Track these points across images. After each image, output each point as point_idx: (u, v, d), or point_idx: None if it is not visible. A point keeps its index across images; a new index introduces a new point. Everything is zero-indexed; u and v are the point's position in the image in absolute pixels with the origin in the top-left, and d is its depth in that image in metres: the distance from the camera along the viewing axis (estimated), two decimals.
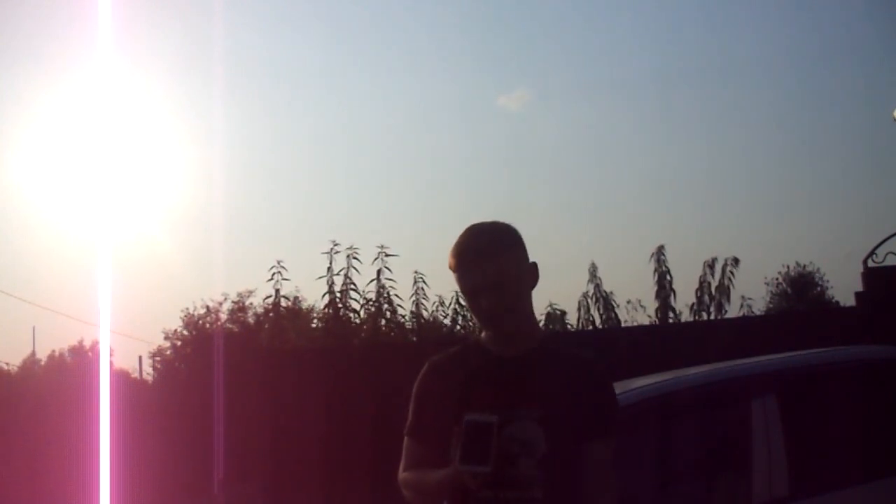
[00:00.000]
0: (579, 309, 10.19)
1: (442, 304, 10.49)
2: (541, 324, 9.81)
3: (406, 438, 2.36)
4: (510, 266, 2.23)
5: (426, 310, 9.96)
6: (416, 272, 9.66)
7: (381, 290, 9.60)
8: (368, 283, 9.58)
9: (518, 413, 2.18)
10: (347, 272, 9.50)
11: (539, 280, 2.32)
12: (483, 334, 2.34)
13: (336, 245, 9.49)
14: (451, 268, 2.29)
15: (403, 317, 9.79)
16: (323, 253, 9.50)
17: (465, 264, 2.24)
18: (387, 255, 9.46)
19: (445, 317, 10.49)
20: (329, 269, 9.50)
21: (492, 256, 2.22)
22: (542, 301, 9.95)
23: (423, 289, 9.72)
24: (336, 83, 37.65)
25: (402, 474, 2.34)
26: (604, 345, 7.77)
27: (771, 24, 36.43)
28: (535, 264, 2.31)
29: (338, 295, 9.55)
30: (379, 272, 9.53)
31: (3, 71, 38.20)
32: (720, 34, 38.19)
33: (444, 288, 10.51)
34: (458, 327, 10.49)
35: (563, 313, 10.13)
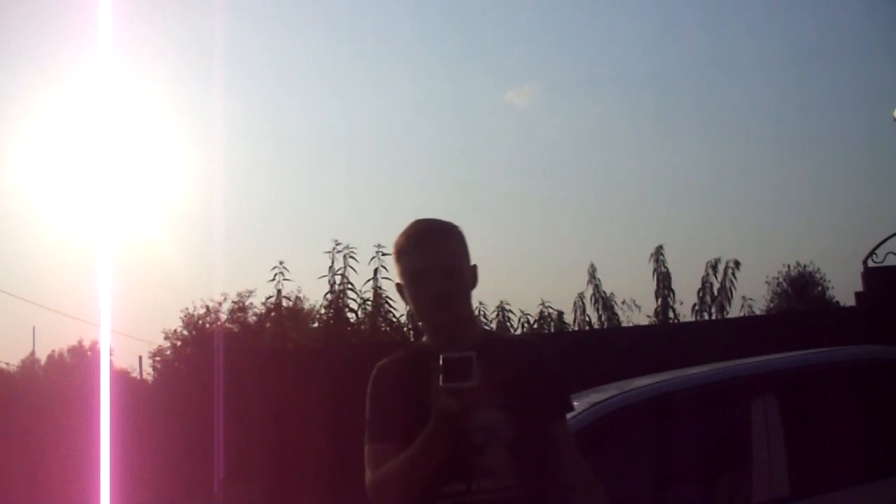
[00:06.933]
0: (575, 310, 10.16)
1: None
2: (534, 325, 9.86)
3: (368, 446, 2.21)
4: (460, 254, 2.28)
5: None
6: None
7: (379, 289, 9.63)
8: (365, 283, 9.62)
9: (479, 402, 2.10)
10: (344, 272, 9.55)
11: (478, 283, 2.33)
12: (425, 339, 2.32)
13: (338, 245, 9.56)
14: (398, 252, 2.27)
15: (401, 317, 9.78)
16: (325, 252, 9.56)
17: (419, 245, 2.24)
18: (383, 255, 9.48)
19: None
20: (331, 268, 9.56)
21: (445, 240, 2.26)
22: (533, 300, 9.93)
23: None
24: (343, 80, 37.69)
25: (371, 477, 2.17)
26: (603, 345, 7.76)
27: (772, 24, 36.45)
28: (475, 266, 2.34)
29: (338, 294, 9.59)
30: (376, 271, 9.56)
31: (4, 71, 38.19)
32: (723, 34, 38.24)
33: None
34: None
35: (560, 313, 10.11)
